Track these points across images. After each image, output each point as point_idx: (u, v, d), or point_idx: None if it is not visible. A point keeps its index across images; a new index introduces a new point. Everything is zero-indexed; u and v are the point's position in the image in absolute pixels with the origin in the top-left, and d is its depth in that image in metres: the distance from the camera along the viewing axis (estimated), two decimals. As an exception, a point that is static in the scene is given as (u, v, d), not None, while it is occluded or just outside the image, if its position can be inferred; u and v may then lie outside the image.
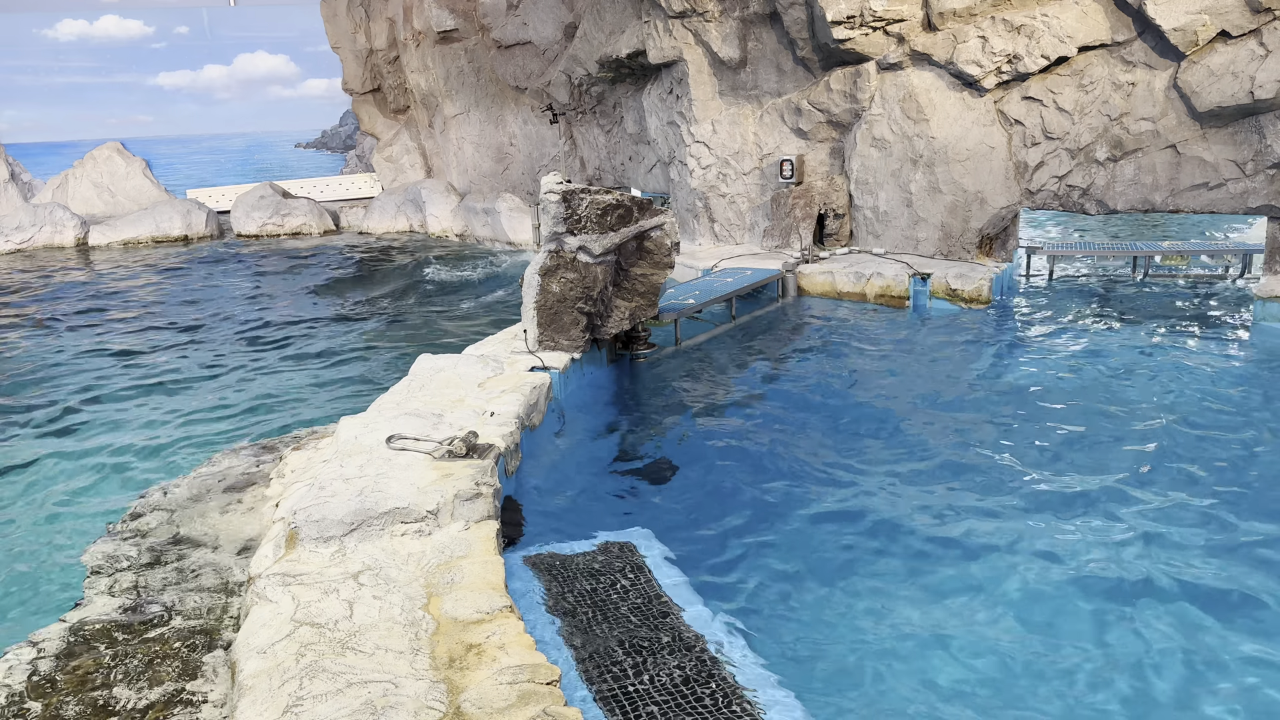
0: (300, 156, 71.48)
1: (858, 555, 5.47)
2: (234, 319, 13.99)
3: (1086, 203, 11.25)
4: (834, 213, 13.05)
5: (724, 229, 14.48)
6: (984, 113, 11.64)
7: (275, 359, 11.49)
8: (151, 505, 5.73)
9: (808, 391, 8.51)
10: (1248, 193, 10.22)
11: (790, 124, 13.43)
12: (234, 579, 4.88)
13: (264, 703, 3.34)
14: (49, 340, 13.00)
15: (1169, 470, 6.42)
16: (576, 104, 19.00)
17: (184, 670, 4.08)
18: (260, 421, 8.78)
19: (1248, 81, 9.72)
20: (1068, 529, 5.64)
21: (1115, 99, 10.75)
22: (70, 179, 24.46)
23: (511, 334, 8.56)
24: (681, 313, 9.71)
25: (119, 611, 4.55)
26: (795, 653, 4.50)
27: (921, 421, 7.61)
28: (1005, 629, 4.67)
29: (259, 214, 23.38)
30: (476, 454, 5.40)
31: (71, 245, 21.94)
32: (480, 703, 3.32)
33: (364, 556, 4.45)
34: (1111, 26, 10.70)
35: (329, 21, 24.78)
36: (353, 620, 3.86)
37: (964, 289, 11.06)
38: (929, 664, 4.40)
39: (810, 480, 6.54)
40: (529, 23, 19.72)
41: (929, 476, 6.51)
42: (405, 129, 24.66)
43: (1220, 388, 8.07)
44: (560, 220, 8.01)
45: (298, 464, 6.16)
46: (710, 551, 5.53)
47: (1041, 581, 5.09)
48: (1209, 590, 4.93)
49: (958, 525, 5.74)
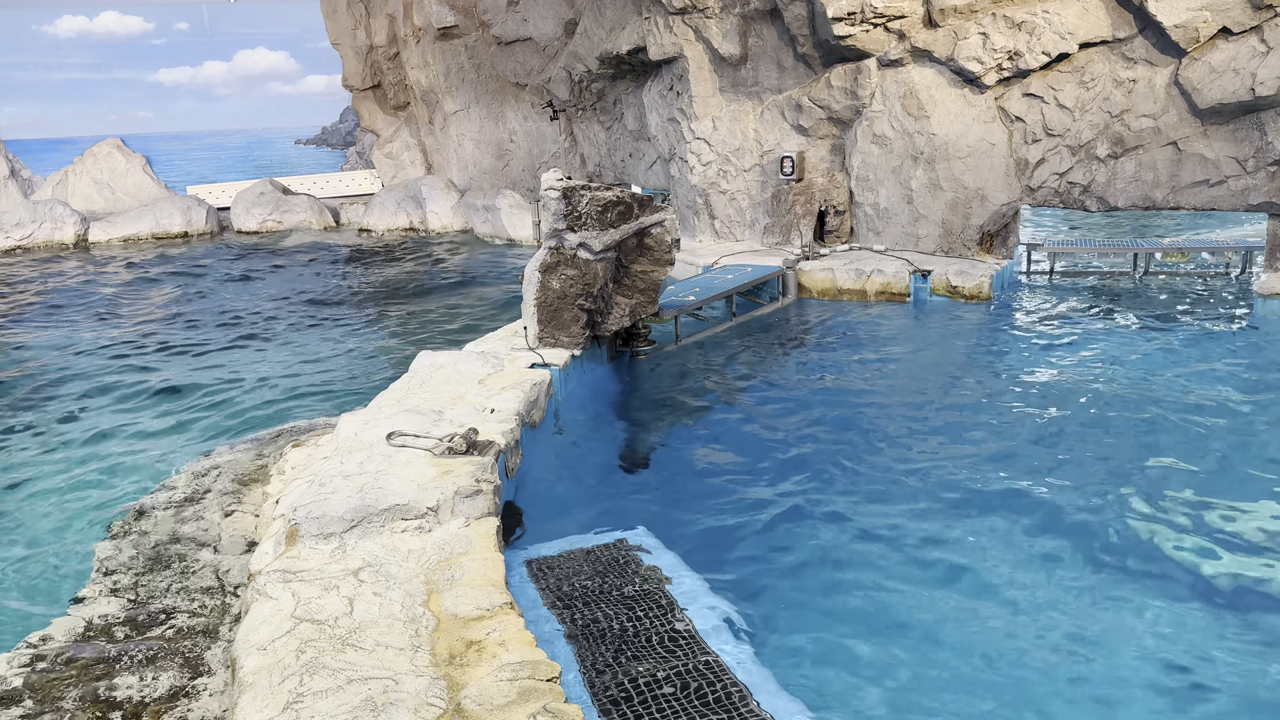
0: (300, 153, 71.45)
1: (859, 552, 5.47)
2: (233, 315, 13.99)
3: (1087, 200, 11.25)
4: (834, 209, 13.04)
5: (724, 226, 14.47)
6: (985, 109, 11.63)
7: (275, 355, 11.49)
8: (153, 503, 5.74)
9: (808, 388, 8.52)
10: (1249, 190, 10.21)
11: (791, 120, 13.42)
12: (234, 576, 4.89)
13: (264, 699, 3.34)
14: (48, 337, 13.00)
15: (1169, 469, 6.42)
16: (577, 100, 18.98)
17: (185, 666, 4.09)
18: (260, 418, 8.78)
19: (1249, 78, 9.71)
20: (1068, 528, 5.65)
21: (1116, 96, 10.74)
22: (70, 175, 24.44)
23: (512, 330, 8.56)
24: (682, 310, 9.70)
25: (120, 609, 4.55)
26: (796, 649, 4.50)
27: (922, 419, 7.61)
28: (1009, 627, 4.67)
29: (259, 210, 23.37)
30: (477, 451, 5.40)
31: (71, 242, 21.93)
32: (480, 699, 3.32)
33: (364, 553, 4.45)
34: (1112, 23, 10.69)
35: (329, 18, 24.75)
36: (353, 617, 3.87)
37: (965, 286, 11.06)
38: (929, 664, 4.40)
39: (811, 477, 6.55)
40: (529, 19, 19.69)
41: (930, 475, 6.51)
42: (405, 125, 24.64)
43: (1221, 385, 8.07)
44: (561, 217, 8.01)
45: (298, 460, 6.16)
46: (710, 548, 5.53)
47: (1042, 580, 5.09)
48: (1209, 590, 4.93)
49: (958, 525, 5.75)
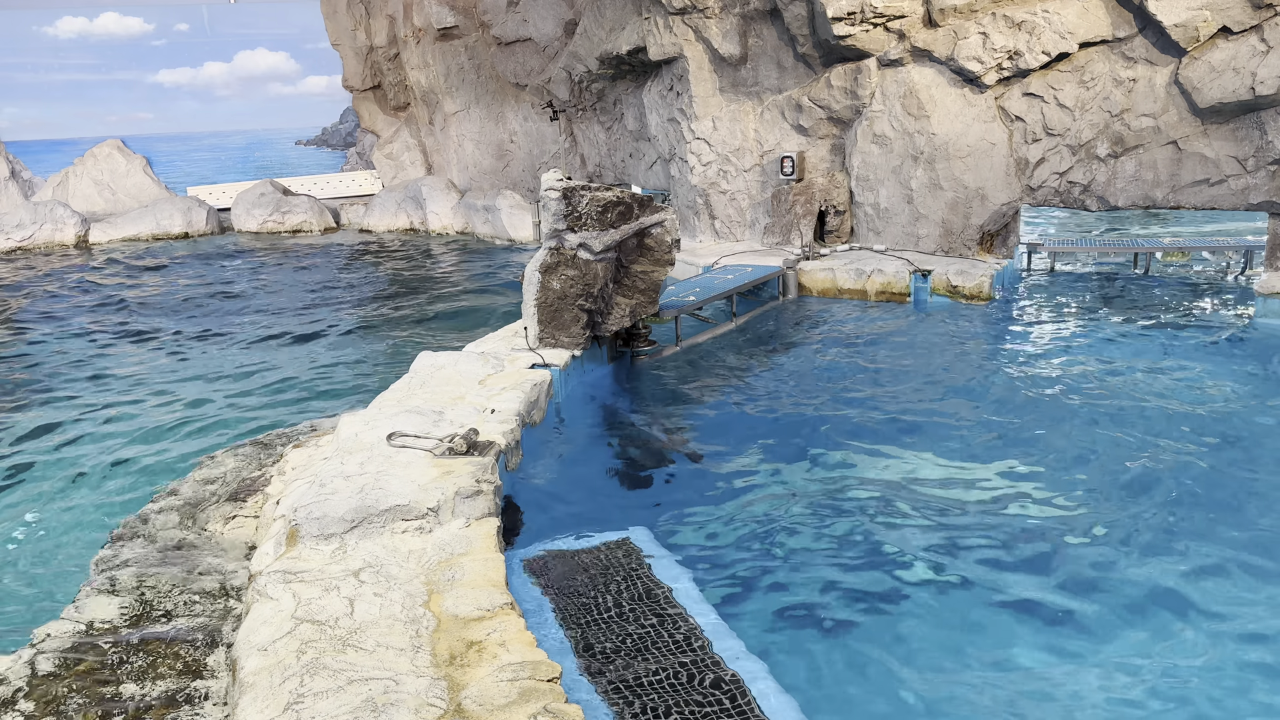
0: (300, 154, 71.50)
1: (859, 554, 5.47)
2: (234, 316, 13.99)
3: (1087, 199, 11.24)
4: (835, 209, 13.04)
5: (724, 226, 14.47)
6: (985, 109, 11.63)
7: (275, 356, 11.49)
8: (155, 507, 5.74)
9: (808, 389, 8.51)
10: (1249, 189, 10.21)
11: (791, 120, 13.42)
12: (235, 578, 4.89)
13: (265, 700, 3.34)
14: (48, 338, 13.01)
15: (1170, 468, 6.41)
16: (577, 101, 18.98)
17: (186, 669, 4.09)
18: (261, 419, 8.78)
19: (1249, 77, 9.70)
20: (1067, 526, 5.65)
21: (1116, 95, 10.74)
22: (71, 176, 24.45)
23: (512, 331, 8.57)
24: (682, 310, 9.70)
25: (121, 611, 4.55)
26: (794, 648, 4.51)
27: (923, 418, 7.61)
28: (1012, 626, 4.67)
29: (259, 211, 23.38)
30: (477, 451, 5.40)
31: (72, 243, 21.93)
32: (481, 700, 3.32)
33: (365, 554, 4.45)
34: (1112, 22, 10.69)
35: (329, 18, 24.76)
36: (353, 617, 3.87)
37: (965, 285, 11.05)
38: (929, 662, 4.40)
39: (811, 477, 6.55)
40: (529, 19, 19.70)
41: (930, 474, 6.51)
42: (406, 126, 24.64)
43: (1222, 384, 8.07)
44: (561, 217, 8.01)
45: (298, 461, 6.16)
46: (711, 550, 5.53)
47: (1041, 578, 5.09)
48: (1206, 588, 4.93)
49: (959, 523, 5.74)
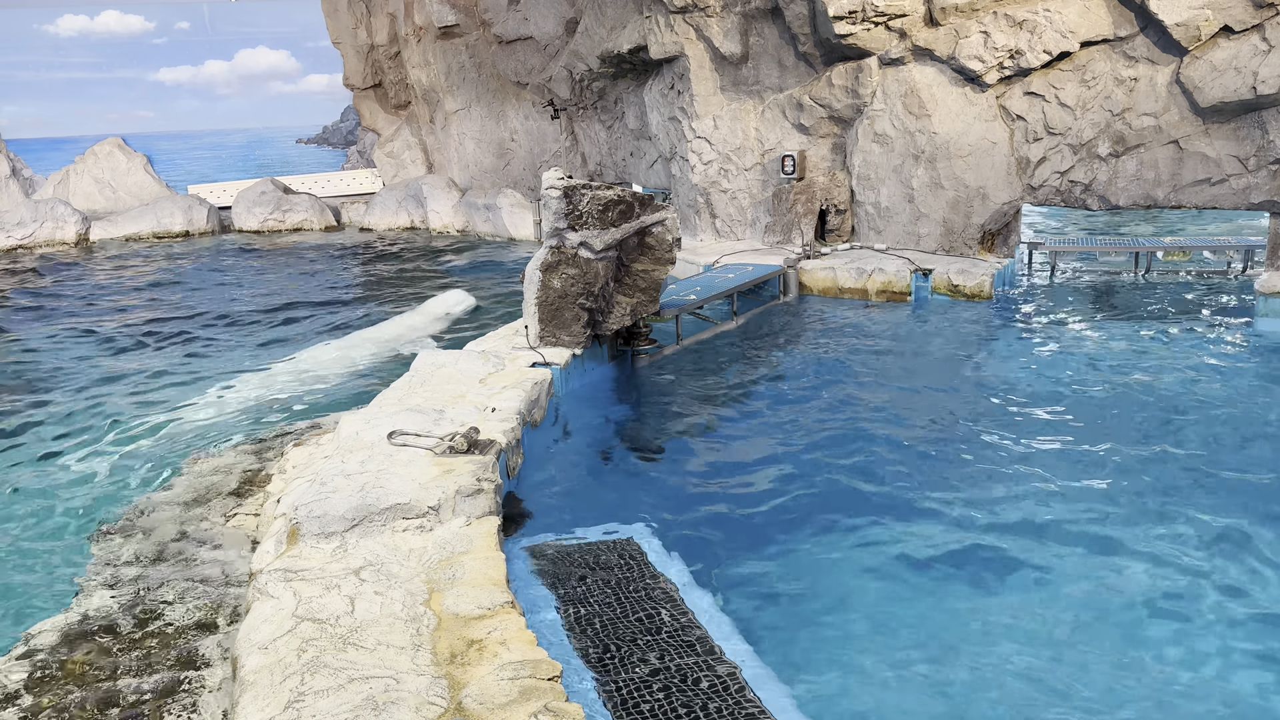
0: (301, 152, 71.47)
1: (859, 551, 5.47)
2: (234, 314, 13.99)
3: (1088, 198, 11.24)
4: (835, 208, 13.03)
5: (725, 225, 14.46)
6: (986, 108, 11.62)
7: (276, 355, 11.48)
8: (154, 502, 5.74)
9: (809, 387, 8.51)
10: (1250, 188, 10.20)
11: (792, 119, 13.41)
12: (235, 575, 4.89)
13: (265, 698, 3.34)
14: (48, 336, 13.00)
15: (1170, 468, 6.41)
16: (578, 99, 18.97)
17: (183, 664, 4.09)
18: (261, 418, 8.78)
19: (1250, 77, 9.70)
20: (1066, 525, 5.64)
21: (1117, 94, 10.73)
22: (71, 175, 24.44)
23: (513, 330, 8.56)
24: (683, 309, 9.70)
25: (120, 607, 4.55)
26: (795, 646, 4.50)
27: (923, 418, 7.61)
28: (1014, 631, 4.66)
29: (260, 210, 23.37)
30: (478, 450, 5.40)
31: (73, 241, 21.92)
32: (482, 698, 3.32)
33: (365, 552, 4.45)
34: (1114, 22, 10.68)
35: (330, 17, 24.74)
36: (354, 616, 3.87)
37: (966, 284, 11.05)
38: (930, 661, 4.39)
39: (812, 476, 6.54)
40: (530, 18, 19.68)
41: (931, 474, 6.50)
42: (406, 124, 24.63)
43: (1222, 383, 8.06)
44: (562, 216, 8.01)
45: (299, 460, 6.16)
46: (711, 547, 5.53)
47: (1044, 576, 5.09)
48: (1207, 588, 4.93)
49: (959, 523, 5.74)
